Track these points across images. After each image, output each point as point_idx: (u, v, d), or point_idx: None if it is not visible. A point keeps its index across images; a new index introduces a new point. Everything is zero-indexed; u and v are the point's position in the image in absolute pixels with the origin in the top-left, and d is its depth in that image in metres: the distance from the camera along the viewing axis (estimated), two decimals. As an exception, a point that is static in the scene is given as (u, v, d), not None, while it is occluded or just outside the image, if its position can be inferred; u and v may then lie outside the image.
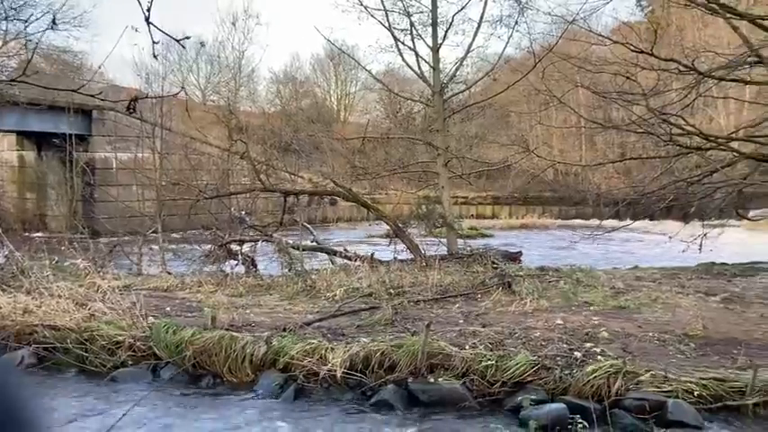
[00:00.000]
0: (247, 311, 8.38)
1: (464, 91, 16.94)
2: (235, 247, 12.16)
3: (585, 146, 35.17)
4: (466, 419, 5.55)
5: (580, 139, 34.74)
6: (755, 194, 15.94)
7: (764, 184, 12.11)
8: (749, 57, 10.32)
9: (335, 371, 6.29)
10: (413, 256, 12.45)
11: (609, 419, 5.29)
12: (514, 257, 13.85)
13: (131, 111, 4.02)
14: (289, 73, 44.92)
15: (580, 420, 3.66)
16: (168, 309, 8.51)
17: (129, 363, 6.85)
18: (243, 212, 13.45)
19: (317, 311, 8.44)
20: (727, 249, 13.53)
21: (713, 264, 11.78)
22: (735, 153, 11.46)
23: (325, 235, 22.34)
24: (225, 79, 39.86)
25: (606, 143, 33.52)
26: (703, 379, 5.66)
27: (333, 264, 12.40)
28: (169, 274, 11.59)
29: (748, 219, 14.65)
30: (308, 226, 14.95)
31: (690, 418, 5.24)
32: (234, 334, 7.03)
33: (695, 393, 5.50)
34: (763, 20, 9.40)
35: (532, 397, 4.40)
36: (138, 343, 7.06)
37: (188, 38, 2.97)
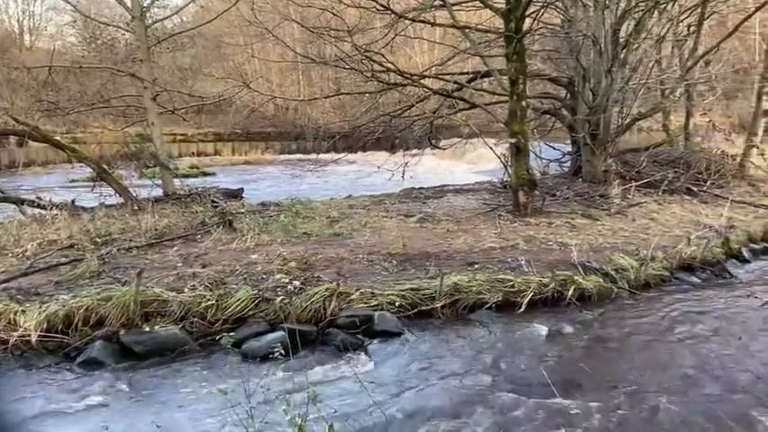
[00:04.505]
0: None
1: (169, 17, 15.60)
2: None
3: (303, 81, 36.02)
4: (185, 363, 5.38)
5: (297, 75, 35.41)
6: (444, 126, 18.30)
7: (450, 117, 13.93)
8: (435, 1, 11.52)
9: (29, 335, 5.56)
10: (123, 201, 11.38)
11: (324, 339, 5.74)
12: (236, 195, 13.71)
13: None
14: (-56, -17, 35.83)
15: (278, 348, 3.85)
16: None
17: None
18: None
19: (3, 271, 7.25)
20: (424, 175, 15.41)
21: (412, 189, 13.29)
22: (426, 89, 12.90)
23: (14, 182, 19.13)
24: None
25: (322, 79, 34.83)
26: (402, 290, 6.46)
27: (23, 215, 10.63)
28: None
29: (439, 148, 16.78)
30: (-15, 172, 12.45)
31: (392, 326, 5.96)
32: None
33: (396, 304, 6.26)
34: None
35: (231, 335, 4.47)
36: None
37: None
